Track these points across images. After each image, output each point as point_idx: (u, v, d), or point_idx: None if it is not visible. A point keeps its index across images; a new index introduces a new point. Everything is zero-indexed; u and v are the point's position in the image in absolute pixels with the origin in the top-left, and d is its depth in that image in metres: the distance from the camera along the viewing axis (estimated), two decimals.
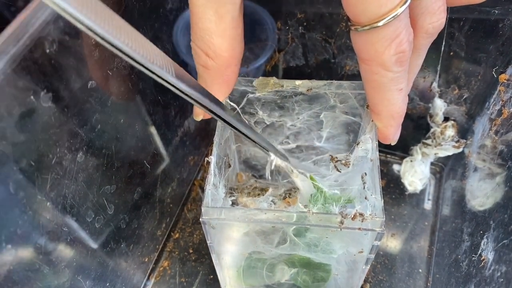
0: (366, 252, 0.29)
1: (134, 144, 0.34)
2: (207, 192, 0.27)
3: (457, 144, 0.41)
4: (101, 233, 0.32)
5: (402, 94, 0.26)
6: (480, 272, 0.31)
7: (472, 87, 0.39)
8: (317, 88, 0.32)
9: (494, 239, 0.30)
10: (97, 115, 0.28)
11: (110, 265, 0.34)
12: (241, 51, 0.27)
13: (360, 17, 0.22)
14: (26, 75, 0.21)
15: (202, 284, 0.41)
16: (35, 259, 0.25)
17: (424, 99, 0.42)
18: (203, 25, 0.25)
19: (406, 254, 0.43)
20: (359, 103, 0.32)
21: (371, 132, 0.29)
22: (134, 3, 0.30)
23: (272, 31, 0.41)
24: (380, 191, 0.27)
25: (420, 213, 0.46)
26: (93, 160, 0.29)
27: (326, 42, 0.41)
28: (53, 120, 0.24)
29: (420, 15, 0.24)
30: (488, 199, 0.33)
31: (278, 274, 0.34)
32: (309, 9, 0.39)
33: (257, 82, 0.32)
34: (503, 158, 0.32)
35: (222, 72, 0.27)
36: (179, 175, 0.44)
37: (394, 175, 0.48)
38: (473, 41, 0.36)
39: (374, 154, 0.29)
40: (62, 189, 0.26)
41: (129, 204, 0.35)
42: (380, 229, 0.26)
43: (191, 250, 0.44)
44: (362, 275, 0.32)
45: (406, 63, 0.24)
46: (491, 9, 0.33)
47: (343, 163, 0.31)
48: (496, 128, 0.34)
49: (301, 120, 0.35)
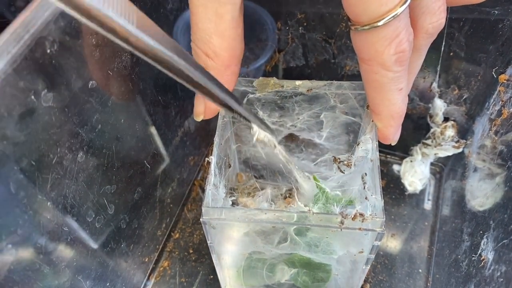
0: (366, 252, 0.29)
1: (135, 144, 0.34)
2: (207, 192, 0.27)
3: (457, 144, 0.41)
4: (101, 233, 0.32)
5: (402, 94, 0.26)
6: (480, 272, 0.31)
7: (472, 87, 0.39)
8: (317, 88, 0.32)
9: (494, 239, 0.30)
10: (97, 115, 0.28)
11: (110, 265, 0.34)
12: (241, 51, 0.27)
13: (360, 17, 0.22)
14: (27, 75, 0.21)
15: (202, 284, 0.41)
16: (36, 259, 0.25)
17: (424, 99, 0.42)
18: (203, 25, 0.25)
19: (406, 254, 0.43)
20: (359, 104, 0.32)
21: (371, 133, 0.29)
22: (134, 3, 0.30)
23: (272, 31, 0.41)
24: (380, 191, 0.27)
25: (420, 213, 0.46)
26: (93, 160, 0.29)
27: (326, 42, 0.41)
28: (53, 120, 0.24)
29: (420, 15, 0.24)
30: (488, 199, 0.33)
31: (278, 274, 0.34)
32: (309, 9, 0.39)
33: (257, 82, 0.32)
34: (503, 158, 0.32)
35: (222, 72, 0.27)
36: (179, 175, 0.44)
37: (394, 175, 0.48)
38: (473, 41, 0.36)
39: (374, 154, 0.29)
40: (63, 189, 0.26)
41: (129, 204, 0.35)
42: (381, 229, 0.26)
43: (191, 250, 0.44)
44: (362, 275, 0.32)
45: (406, 62, 0.24)
46: (491, 9, 0.33)
47: (345, 163, 0.31)
48: (496, 128, 0.34)
49: (301, 120, 0.35)
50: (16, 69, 0.20)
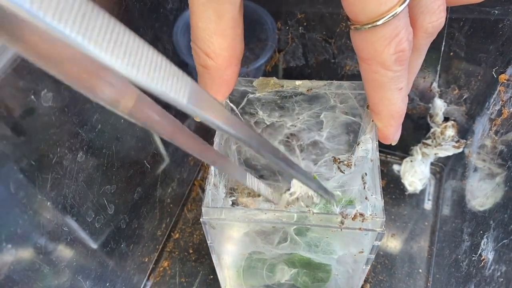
0: (366, 252, 0.29)
1: (134, 144, 0.34)
2: (207, 192, 0.27)
3: (457, 144, 0.41)
4: (101, 233, 0.32)
5: (402, 94, 0.26)
6: (480, 272, 0.31)
7: (472, 87, 0.39)
8: (317, 88, 0.32)
9: (494, 239, 0.30)
10: (97, 115, 0.28)
11: (110, 265, 0.34)
12: (241, 51, 0.27)
13: (360, 16, 0.22)
14: (27, 75, 0.21)
15: (202, 284, 0.41)
16: (35, 258, 0.25)
17: (424, 99, 0.42)
18: (203, 25, 0.25)
19: (406, 254, 0.43)
20: (359, 103, 0.32)
21: (371, 132, 0.29)
22: (134, 3, 0.30)
23: (272, 31, 0.41)
24: (380, 191, 0.27)
25: (420, 213, 0.46)
26: (93, 160, 0.29)
27: (326, 42, 0.41)
28: (53, 119, 0.24)
29: (419, 14, 0.24)
30: (488, 199, 0.33)
31: (278, 274, 0.34)
32: (309, 9, 0.39)
33: (257, 82, 0.32)
34: (503, 158, 0.32)
35: (222, 72, 0.27)
36: (179, 175, 0.44)
37: (394, 175, 0.48)
38: (473, 41, 0.36)
39: (374, 154, 0.29)
40: (62, 189, 0.26)
41: (129, 204, 0.35)
42: (381, 229, 0.26)
43: (191, 250, 0.44)
44: (362, 275, 0.32)
45: (405, 62, 0.24)
46: (491, 9, 0.33)
47: (345, 164, 0.31)
48: (496, 128, 0.34)
49: (301, 120, 0.35)
50: (16, 68, 0.20)
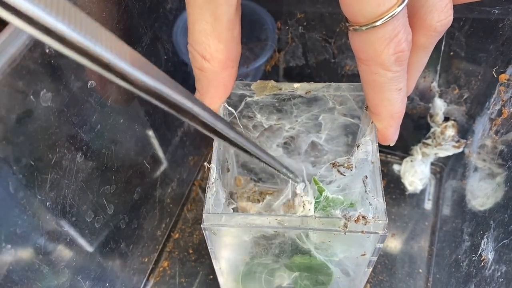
0: (368, 254, 0.28)
1: (134, 144, 0.34)
2: (208, 198, 0.27)
3: (457, 144, 0.41)
4: (100, 233, 0.32)
5: (402, 94, 0.26)
6: (480, 272, 0.31)
7: (472, 87, 0.39)
8: (315, 90, 0.31)
9: (494, 239, 0.30)
10: (96, 115, 0.28)
11: (109, 265, 0.34)
12: (238, 53, 0.27)
13: (358, 17, 0.22)
14: (26, 75, 0.21)
15: (202, 284, 0.41)
16: (35, 259, 0.25)
17: (424, 99, 0.42)
18: (200, 27, 0.25)
19: (406, 254, 0.43)
20: (357, 105, 0.32)
21: (371, 134, 0.29)
22: (134, 3, 0.30)
23: (272, 31, 0.41)
24: (382, 193, 0.26)
25: (420, 213, 0.46)
26: (92, 160, 0.29)
27: (326, 42, 0.41)
28: (52, 120, 0.24)
29: (428, 13, 0.24)
30: (488, 199, 0.33)
31: (279, 278, 0.34)
32: (309, 9, 0.39)
33: (255, 85, 0.32)
34: (503, 158, 0.32)
35: (218, 75, 0.27)
36: (179, 175, 0.44)
37: (394, 175, 0.48)
38: (473, 41, 0.35)
39: (374, 156, 0.29)
40: (62, 189, 0.26)
41: (129, 204, 0.35)
42: (383, 232, 0.26)
43: (191, 250, 0.44)
44: (364, 277, 0.32)
45: (405, 62, 0.24)
46: (491, 9, 0.33)
47: (345, 166, 0.31)
48: (496, 128, 0.34)
49: (300, 122, 0.35)
50: (15, 68, 0.20)
